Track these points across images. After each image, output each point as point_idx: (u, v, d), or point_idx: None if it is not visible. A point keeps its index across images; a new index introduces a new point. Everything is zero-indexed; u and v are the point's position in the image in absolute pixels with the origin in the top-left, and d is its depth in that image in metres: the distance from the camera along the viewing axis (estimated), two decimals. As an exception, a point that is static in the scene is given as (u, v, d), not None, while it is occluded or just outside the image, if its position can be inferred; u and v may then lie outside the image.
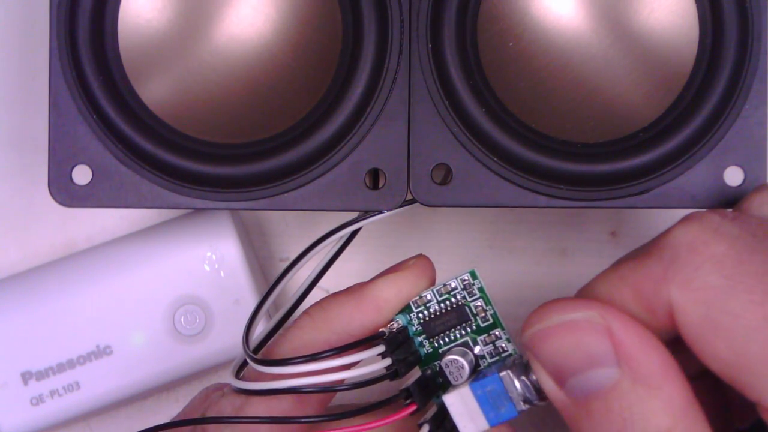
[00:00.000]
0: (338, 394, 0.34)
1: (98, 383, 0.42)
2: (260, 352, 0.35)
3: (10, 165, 0.46)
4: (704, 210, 0.30)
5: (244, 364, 0.35)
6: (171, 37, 0.37)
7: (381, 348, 0.32)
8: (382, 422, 0.32)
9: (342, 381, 0.32)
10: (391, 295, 0.34)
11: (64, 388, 0.42)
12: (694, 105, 0.36)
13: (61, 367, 0.42)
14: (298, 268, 0.35)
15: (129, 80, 0.36)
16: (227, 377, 0.34)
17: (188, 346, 0.42)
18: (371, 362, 0.32)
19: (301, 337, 0.34)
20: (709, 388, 0.31)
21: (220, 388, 0.36)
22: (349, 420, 0.32)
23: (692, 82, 0.36)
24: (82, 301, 0.42)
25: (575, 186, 0.35)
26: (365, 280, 0.35)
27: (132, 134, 0.36)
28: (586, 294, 0.30)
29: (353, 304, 0.34)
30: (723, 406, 0.33)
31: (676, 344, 0.29)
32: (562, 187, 0.35)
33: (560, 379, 0.29)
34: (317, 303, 0.35)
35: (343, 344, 0.32)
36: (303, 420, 0.32)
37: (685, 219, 0.29)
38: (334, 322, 0.34)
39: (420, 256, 0.35)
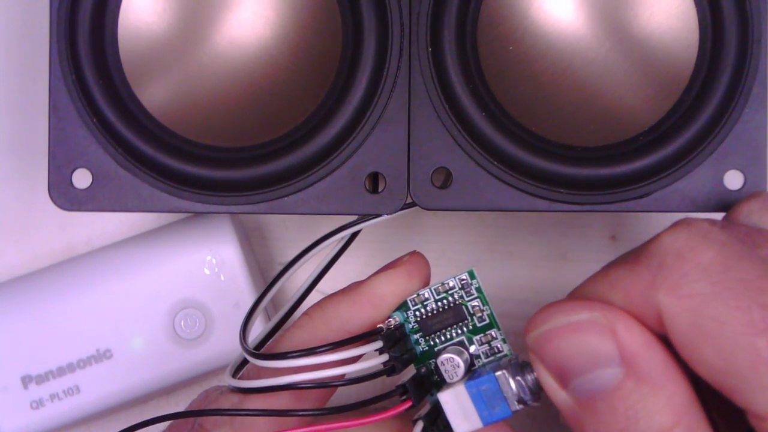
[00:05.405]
0: (336, 391, 0.34)
1: (98, 387, 0.42)
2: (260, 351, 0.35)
3: (10, 169, 0.46)
4: (693, 216, 0.30)
5: (242, 364, 0.35)
6: (171, 40, 0.37)
7: (379, 344, 0.32)
8: (378, 417, 0.32)
9: (339, 377, 0.32)
10: (387, 291, 0.34)
11: (64, 391, 0.42)
12: (694, 108, 0.35)
13: (61, 371, 0.42)
14: (297, 267, 0.35)
15: (129, 84, 0.36)
16: (225, 378, 0.34)
17: (188, 349, 0.42)
18: (368, 358, 0.32)
19: (300, 335, 0.34)
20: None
21: (219, 389, 0.36)
22: (346, 414, 0.32)
23: (692, 86, 0.36)
24: (82, 305, 0.42)
25: (575, 190, 0.35)
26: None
27: (132, 138, 0.36)
28: (577, 297, 0.30)
29: (350, 302, 0.34)
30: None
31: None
32: (561, 191, 0.35)
33: (564, 381, 0.29)
34: (316, 304, 0.35)
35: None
36: (300, 413, 0.32)
37: (674, 225, 0.29)
38: (332, 321, 0.34)
39: (414, 252, 0.35)
